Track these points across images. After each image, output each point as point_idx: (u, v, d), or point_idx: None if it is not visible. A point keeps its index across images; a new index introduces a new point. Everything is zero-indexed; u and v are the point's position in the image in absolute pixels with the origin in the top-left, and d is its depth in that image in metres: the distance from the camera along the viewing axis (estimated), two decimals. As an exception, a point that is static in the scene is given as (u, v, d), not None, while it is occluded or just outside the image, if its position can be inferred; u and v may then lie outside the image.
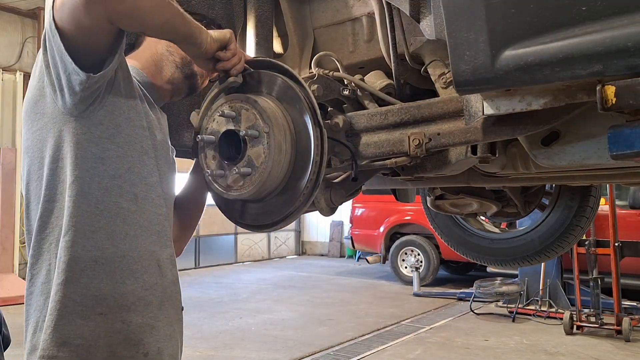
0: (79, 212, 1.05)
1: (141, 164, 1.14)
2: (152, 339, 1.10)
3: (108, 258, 1.07)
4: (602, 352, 5.08)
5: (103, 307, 1.05)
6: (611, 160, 0.99)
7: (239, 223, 1.35)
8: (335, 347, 5.32)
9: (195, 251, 11.79)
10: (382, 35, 1.41)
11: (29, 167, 1.13)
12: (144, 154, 1.15)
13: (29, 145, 1.12)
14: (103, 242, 1.07)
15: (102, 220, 1.07)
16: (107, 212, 1.08)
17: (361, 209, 9.67)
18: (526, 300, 6.66)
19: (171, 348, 1.15)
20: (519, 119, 1.13)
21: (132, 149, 1.12)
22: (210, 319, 6.54)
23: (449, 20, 0.94)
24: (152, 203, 1.15)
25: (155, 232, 1.15)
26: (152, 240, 1.14)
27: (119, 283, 1.07)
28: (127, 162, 1.11)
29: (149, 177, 1.15)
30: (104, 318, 1.05)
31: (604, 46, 0.79)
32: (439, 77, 1.32)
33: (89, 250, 1.06)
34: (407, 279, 8.91)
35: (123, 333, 1.06)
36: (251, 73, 1.27)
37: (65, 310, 1.03)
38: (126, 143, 1.12)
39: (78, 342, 1.03)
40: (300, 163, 1.21)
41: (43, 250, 1.09)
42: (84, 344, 1.03)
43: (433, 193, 2.49)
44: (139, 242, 1.11)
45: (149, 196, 1.14)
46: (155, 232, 1.15)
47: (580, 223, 2.46)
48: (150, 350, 1.10)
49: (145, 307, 1.10)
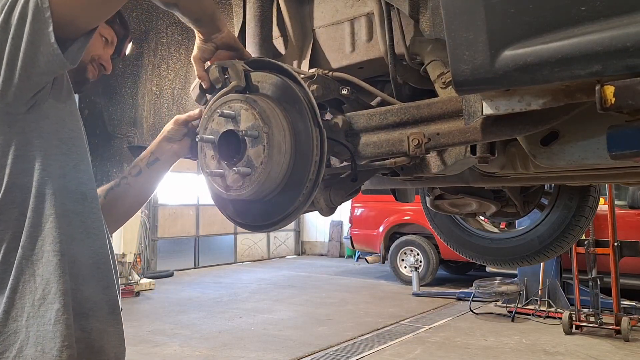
0: (33, 216, 0.99)
1: (85, 161, 1.10)
2: (109, 345, 1.07)
3: (61, 264, 1.00)
4: (601, 352, 5.08)
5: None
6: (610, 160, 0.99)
7: (239, 223, 1.35)
8: (334, 347, 5.33)
9: (195, 251, 11.80)
10: (381, 35, 1.41)
11: None
12: (85, 150, 1.11)
13: None
14: (55, 246, 1.00)
15: (50, 224, 1.00)
16: (56, 215, 1.01)
17: (360, 209, 9.68)
18: (525, 300, 6.67)
19: (122, 353, 1.12)
20: (518, 119, 1.13)
21: (74, 144, 1.07)
22: (209, 318, 6.54)
23: (448, 20, 0.94)
24: (97, 202, 1.11)
25: (103, 232, 1.11)
26: (102, 243, 1.10)
27: (75, 290, 1.02)
28: (72, 159, 1.06)
29: (92, 175, 1.11)
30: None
31: (603, 46, 0.79)
32: (438, 77, 1.32)
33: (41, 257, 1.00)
34: (406, 278, 8.92)
35: (84, 341, 1.02)
36: (251, 73, 1.27)
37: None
38: (70, 139, 1.07)
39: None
40: (300, 163, 1.21)
41: None
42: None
43: (432, 193, 2.49)
44: (90, 244, 1.06)
45: (95, 195, 1.11)
46: (104, 232, 1.11)
47: (580, 223, 2.47)
48: (110, 357, 1.07)
49: (100, 312, 1.06)
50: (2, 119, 0.98)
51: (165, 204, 11.32)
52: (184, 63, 2.02)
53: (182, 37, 2.00)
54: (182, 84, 2.02)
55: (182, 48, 2.01)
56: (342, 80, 1.42)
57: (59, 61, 0.97)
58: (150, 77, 2.06)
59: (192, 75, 2.00)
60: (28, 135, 1.00)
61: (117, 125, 2.13)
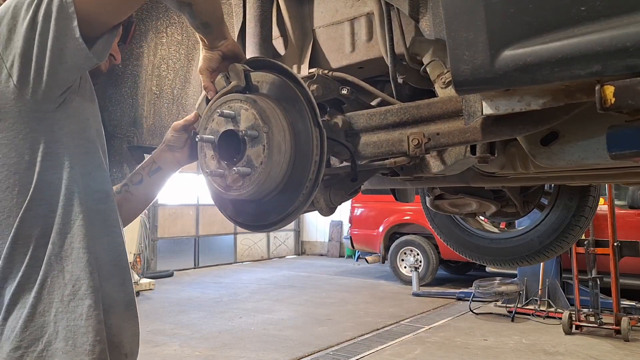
0: (63, 214, 1.01)
1: (105, 161, 1.12)
2: (126, 340, 1.10)
3: (90, 261, 1.02)
4: (601, 352, 5.08)
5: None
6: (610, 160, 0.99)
7: (239, 223, 1.35)
8: (334, 347, 5.33)
9: (195, 251, 11.80)
10: (381, 35, 1.41)
11: None
12: (105, 150, 1.13)
13: None
14: (84, 243, 1.02)
15: (79, 222, 1.02)
16: (84, 213, 1.03)
17: (360, 209, 9.68)
18: (525, 300, 6.67)
19: (137, 347, 1.15)
20: (518, 119, 1.13)
21: (98, 144, 1.09)
22: (209, 318, 6.54)
23: (448, 20, 0.94)
24: (115, 200, 1.14)
25: (121, 230, 1.13)
26: (120, 240, 1.12)
27: (100, 286, 1.04)
28: (96, 158, 1.08)
29: (108, 174, 1.13)
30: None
31: (603, 46, 0.79)
32: (438, 77, 1.32)
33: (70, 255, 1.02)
34: (406, 278, 8.92)
35: (106, 337, 1.03)
36: (251, 73, 1.27)
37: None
38: (94, 138, 1.09)
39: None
40: (300, 163, 1.21)
41: (15, 261, 0.99)
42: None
43: (432, 193, 2.49)
44: (110, 242, 1.08)
45: (113, 193, 1.13)
46: (121, 230, 1.13)
47: (579, 223, 2.47)
48: (127, 351, 1.09)
49: (118, 308, 1.08)
50: (32, 116, 0.99)
51: (165, 204, 11.32)
52: (184, 63, 2.02)
53: (182, 37, 2.00)
54: (182, 84, 2.02)
55: (182, 48, 2.01)
56: (342, 80, 1.43)
57: (85, 56, 0.98)
58: (150, 77, 2.06)
59: (192, 75, 2.00)
60: (56, 133, 1.02)
61: (117, 125, 2.14)
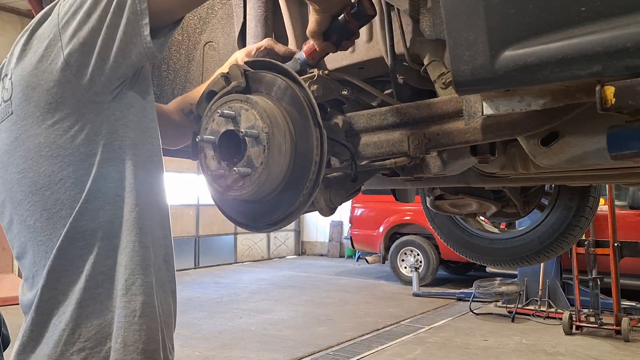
0: (121, 206, 0.97)
1: (159, 152, 1.07)
2: (168, 339, 1.06)
3: (147, 256, 1.00)
4: (602, 352, 5.08)
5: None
6: (610, 160, 0.99)
7: (239, 223, 1.35)
8: (334, 347, 5.33)
9: (195, 251, 11.80)
10: (381, 36, 1.41)
11: (38, 167, 0.96)
12: (159, 139, 1.08)
13: (41, 142, 0.95)
14: (141, 237, 0.99)
15: (135, 214, 0.98)
16: (140, 206, 0.99)
17: (361, 209, 9.68)
18: (525, 300, 6.67)
19: (172, 345, 1.13)
20: (519, 120, 1.13)
21: (152, 136, 1.05)
22: (209, 319, 6.54)
23: (449, 21, 0.94)
24: (166, 194, 1.09)
25: (170, 225, 1.09)
26: (170, 235, 1.08)
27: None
28: (148, 150, 1.03)
29: (162, 170, 1.08)
30: None
31: (603, 46, 0.79)
32: (438, 77, 1.32)
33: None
34: (406, 279, 8.92)
35: None
36: (251, 73, 1.27)
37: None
38: (148, 129, 1.04)
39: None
40: (300, 163, 1.21)
41: (70, 256, 0.95)
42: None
43: (432, 193, 2.49)
44: (162, 237, 1.05)
45: (165, 185, 1.08)
46: (170, 225, 1.10)
47: (580, 223, 2.47)
48: (170, 347, 1.07)
49: (165, 305, 1.05)
50: (90, 107, 0.96)
51: (166, 204, 11.31)
52: (184, 63, 2.02)
53: (182, 38, 2.00)
54: (182, 84, 2.02)
55: (182, 48, 2.01)
56: (342, 80, 1.42)
57: (151, 54, 0.96)
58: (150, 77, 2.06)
59: (192, 75, 2.00)
60: (113, 124, 0.98)
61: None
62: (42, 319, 0.95)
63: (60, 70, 0.94)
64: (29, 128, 0.95)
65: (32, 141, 0.95)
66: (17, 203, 0.98)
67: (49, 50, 0.94)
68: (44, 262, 0.96)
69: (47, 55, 0.94)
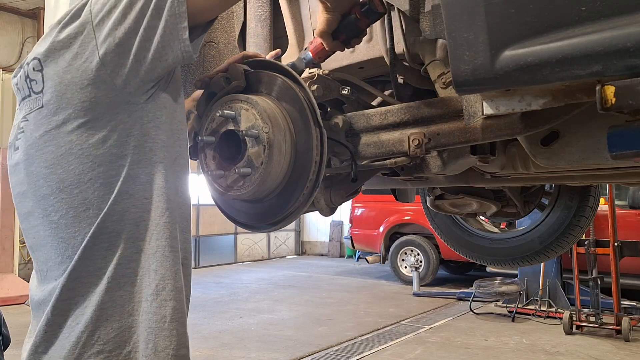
0: (151, 209, 0.96)
1: (186, 155, 1.07)
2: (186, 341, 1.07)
3: (177, 260, 0.99)
4: (602, 352, 5.08)
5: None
6: (611, 160, 0.99)
7: (239, 223, 1.35)
8: (334, 347, 5.32)
9: (195, 251, 11.80)
10: (381, 35, 1.41)
11: (67, 164, 0.94)
12: (187, 148, 1.07)
13: (72, 139, 0.94)
14: (171, 242, 0.98)
15: (165, 219, 0.98)
16: (170, 210, 0.98)
17: (361, 209, 9.67)
18: (526, 300, 6.66)
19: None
20: (519, 119, 1.13)
21: (180, 138, 1.04)
22: (210, 318, 6.54)
23: (449, 20, 0.94)
24: (188, 201, 1.06)
25: (190, 228, 1.08)
26: (190, 238, 1.07)
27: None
28: (176, 152, 1.02)
29: (188, 171, 1.07)
30: None
31: (603, 46, 0.79)
32: (438, 77, 1.32)
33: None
34: (406, 278, 8.91)
35: None
36: (251, 73, 1.27)
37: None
38: (178, 130, 1.03)
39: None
40: (300, 163, 1.21)
41: (94, 257, 0.94)
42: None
43: (433, 193, 2.49)
44: (183, 239, 1.03)
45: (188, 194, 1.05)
46: (190, 226, 1.08)
47: (580, 223, 2.47)
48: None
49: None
50: (123, 108, 0.95)
51: (166, 204, 11.30)
52: (184, 63, 2.01)
53: None
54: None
55: (183, 48, 2.00)
56: (342, 80, 1.42)
57: (188, 56, 0.96)
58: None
59: (192, 75, 2.00)
60: (145, 125, 0.97)
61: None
62: (59, 319, 0.94)
63: (95, 69, 0.92)
64: (60, 124, 0.94)
65: (64, 138, 0.94)
66: (42, 197, 0.97)
67: (83, 48, 0.93)
68: (60, 259, 0.95)
69: (81, 53, 0.93)
